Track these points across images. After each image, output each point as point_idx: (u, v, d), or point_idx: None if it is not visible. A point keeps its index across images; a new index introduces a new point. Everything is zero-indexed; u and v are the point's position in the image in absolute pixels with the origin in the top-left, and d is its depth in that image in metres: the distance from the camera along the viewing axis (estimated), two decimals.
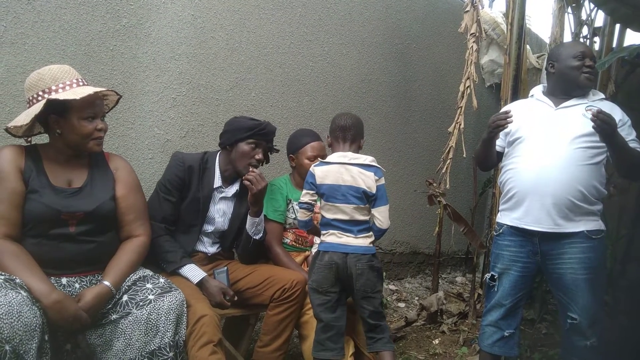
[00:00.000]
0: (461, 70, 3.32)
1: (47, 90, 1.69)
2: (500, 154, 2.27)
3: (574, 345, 2.04)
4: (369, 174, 1.98)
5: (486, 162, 2.33)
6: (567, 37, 3.34)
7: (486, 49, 4.33)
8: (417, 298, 3.76)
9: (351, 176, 1.97)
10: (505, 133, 2.18)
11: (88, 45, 2.46)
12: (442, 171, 3.27)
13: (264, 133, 2.19)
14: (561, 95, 2.15)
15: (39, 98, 1.69)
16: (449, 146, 3.25)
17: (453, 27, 3.56)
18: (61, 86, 1.70)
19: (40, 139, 1.84)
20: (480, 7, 3.31)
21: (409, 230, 4.10)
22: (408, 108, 3.98)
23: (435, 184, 3.22)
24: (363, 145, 2.13)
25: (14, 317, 1.43)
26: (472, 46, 3.24)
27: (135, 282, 1.79)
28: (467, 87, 3.23)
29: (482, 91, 4.34)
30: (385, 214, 2.00)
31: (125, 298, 1.74)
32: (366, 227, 2.00)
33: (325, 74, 3.42)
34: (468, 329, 3.13)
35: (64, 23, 2.39)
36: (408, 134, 4.01)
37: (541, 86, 2.29)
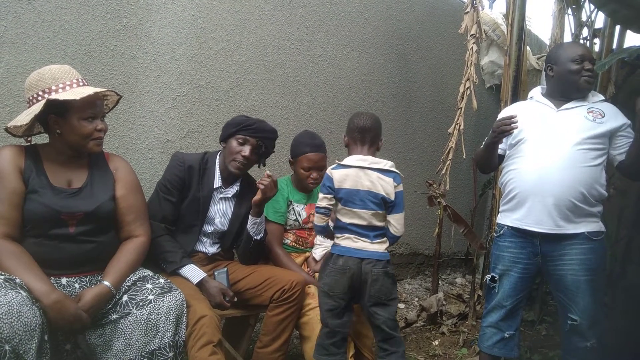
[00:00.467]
0: (461, 71, 3.32)
1: (47, 90, 1.69)
2: (501, 157, 2.26)
3: (574, 346, 2.04)
4: (389, 180, 1.94)
5: (487, 166, 2.33)
6: (567, 39, 3.34)
7: (486, 50, 4.33)
8: (417, 299, 3.76)
9: (370, 181, 1.93)
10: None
11: (88, 45, 2.46)
12: (442, 172, 3.27)
13: (253, 129, 2.16)
14: (560, 97, 2.14)
15: (39, 98, 1.69)
16: (449, 147, 3.25)
17: (453, 28, 3.57)
18: (61, 86, 1.70)
19: (40, 139, 1.84)
20: (480, 9, 3.31)
21: (409, 231, 4.08)
22: (408, 109, 3.99)
23: (435, 185, 3.22)
24: (381, 146, 2.06)
25: (14, 317, 1.43)
26: (472, 47, 3.24)
27: (135, 282, 1.79)
28: (467, 88, 3.23)
29: (482, 92, 4.34)
30: (401, 221, 1.97)
31: (125, 298, 1.74)
32: (382, 233, 1.97)
33: (325, 75, 3.42)
34: (468, 330, 3.13)
35: (65, 23, 2.39)
36: (408, 135, 4.01)
37: (540, 88, 2.28)
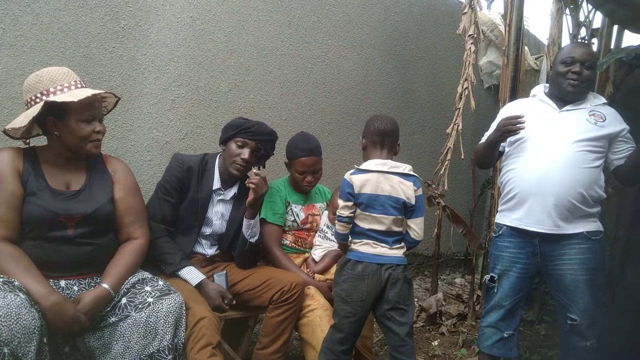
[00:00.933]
0: (459, 71, 3.33)
1: (46, 92, 1.68)
2: (500, 153, 2.27)
3: (574, 346, 2.04)
4: (409, 184, 1.92)
5: (487, 162, 2.34)
6: (565, 39, 3.35)
7: (484, 51, 4.34)
8: (417, 299, 3.75)
9: (391, 186, 1.90)
10: None
11: (87, 47, 2.46)
12: (441, 172, 3.28)
13: (251, 132, 2.16)
14: (558, 98, 2.15)
15: (37, 100, 1.69)
16: (447, 147, 3.26)
17: (451, 29, 3.57)
18: (59, 88, 1.69)
19: (38, 141, 1.84)
20: (478, 9, 3.32)
21: None
22: (406, 109, 3.99)
23: (433, 185, 3.22)
24: (399, 151, 2.03)
25: (13, 320, 1.43)
26: (470, 48, 3.24)
27: (134, 285, 1.78)
28: (465, 89, 3.24)
29: (481, 92, 4.34)
30: (421, 226, 1.94)
31: (124, 301, 1.73)
32: (400, 238, 1.96)
33: (324, 76, 3.42)
34: (467, 330, 3.13)
35: (63, 25, 2.39)
36: (406, 135, 4.00)
37: (542, 86, 2.28)
